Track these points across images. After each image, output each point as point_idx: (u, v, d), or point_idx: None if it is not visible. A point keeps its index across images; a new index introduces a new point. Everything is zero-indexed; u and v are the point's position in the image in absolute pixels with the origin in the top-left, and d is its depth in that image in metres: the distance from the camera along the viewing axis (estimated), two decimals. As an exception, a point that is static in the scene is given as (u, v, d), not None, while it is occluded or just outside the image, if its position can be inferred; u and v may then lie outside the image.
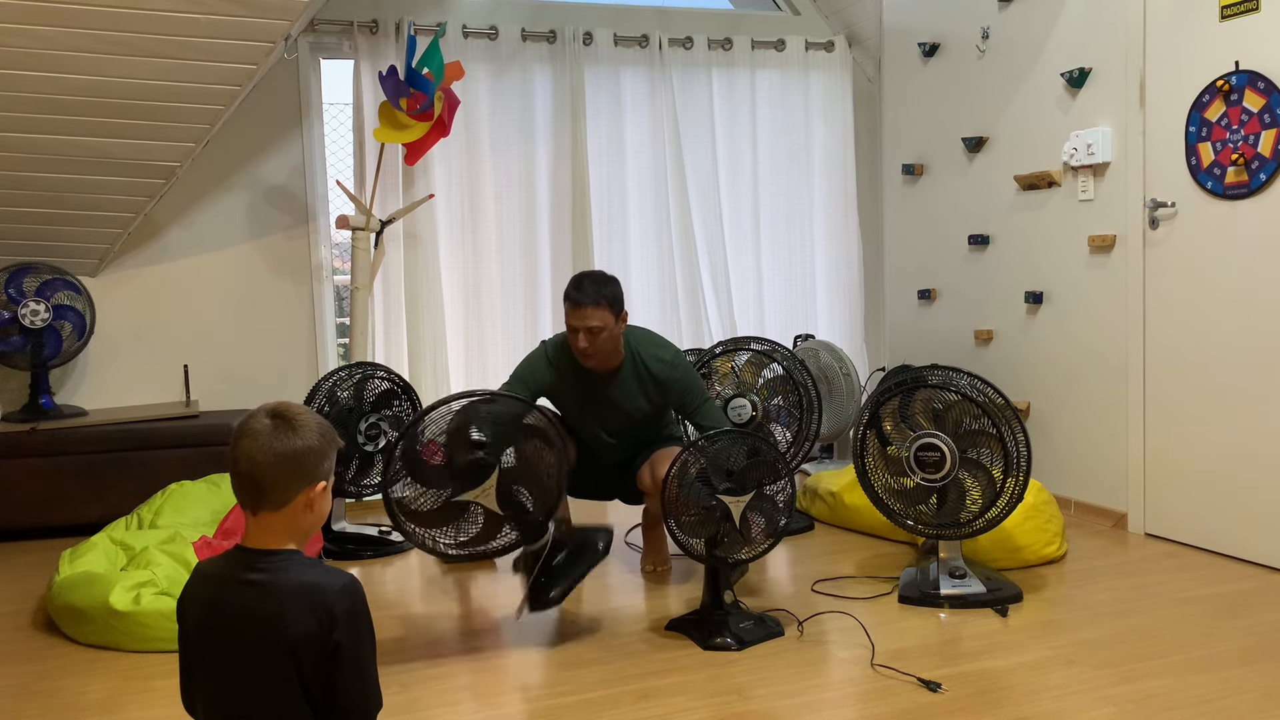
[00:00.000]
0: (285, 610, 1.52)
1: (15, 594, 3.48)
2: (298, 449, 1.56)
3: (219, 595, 1.57)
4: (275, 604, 1.52)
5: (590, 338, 3.16)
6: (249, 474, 1.56)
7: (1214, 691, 2.44)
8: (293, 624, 1.51)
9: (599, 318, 3.14)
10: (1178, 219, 3.65)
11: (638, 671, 2.66)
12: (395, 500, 2.76)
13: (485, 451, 2.76)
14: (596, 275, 3.21)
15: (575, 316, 3.15)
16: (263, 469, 1.55)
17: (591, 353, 3.19)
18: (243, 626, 1.54)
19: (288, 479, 1.56)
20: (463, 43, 4.72)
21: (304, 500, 1.58)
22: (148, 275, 4.64)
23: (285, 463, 1.55)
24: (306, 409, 1.62)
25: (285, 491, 1.56)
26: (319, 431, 1.60)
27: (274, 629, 1.51)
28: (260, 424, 1.57)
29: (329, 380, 3.85)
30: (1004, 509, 3.03)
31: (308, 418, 1.60)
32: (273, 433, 1.56)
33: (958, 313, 4.81)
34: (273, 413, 1.58)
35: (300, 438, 1.57)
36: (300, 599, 1.52)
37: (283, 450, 1.55)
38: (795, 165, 5.26)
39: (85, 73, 3.60)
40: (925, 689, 2.49)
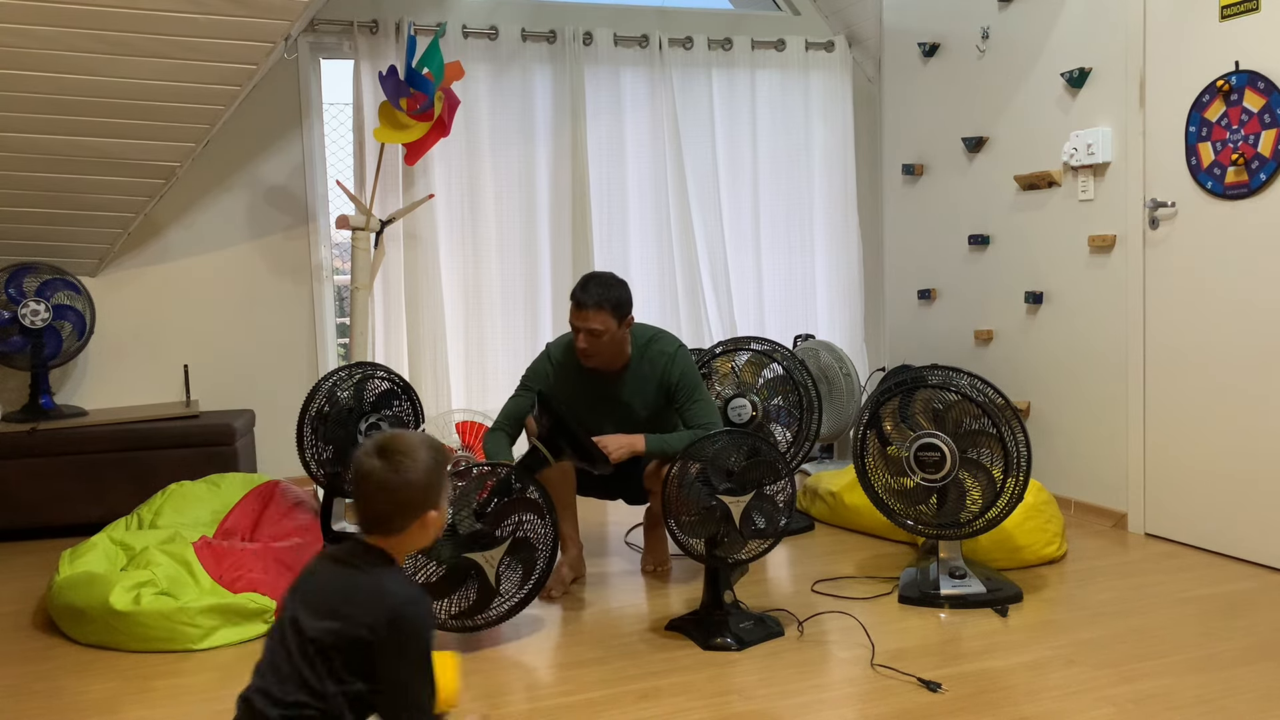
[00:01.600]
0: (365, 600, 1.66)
1: (15, 594, 3.48)
2: (407, 483, 1.72)
3: (320, 572, 1.76)
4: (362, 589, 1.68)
5: (590, 339, 3.15)
6: (370, 509, 1.74)
7: (1214, 691, 2.44)
8: (355, 614, 1.64)
9: (600, 320, 3.13)
10: (1178, 219, 3.65)
11: (638, 671, 2.66)
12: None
13: (483, 522, 2.79)
14: (604, 278, 3.19)
15: (577, 318, 3.16)
16: (378, 506, 1.73)
17: (591, 354, 3.19)
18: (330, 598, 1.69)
19: (401, 514, 1.73)
20: (463, 43, 4.72)
21: (417, 527, 1.75)
22: (148, 275, 4.64)
23: (395, 500, 1.72)
24: (414, 438, 1.75)
25: (396, 522, 1.74)
26: (427, 463, 1.74)
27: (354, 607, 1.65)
28: (371, 465, 1.72)
29: (329, 380, 3.85)
30: (1004, 509, 3.03)
31: (416, 451, 1.73)
32: (383, 472, 1.72)
33: (958, 313, 4.81)
34: (380, 450, 1.72)
35: (408, 474, 1.72)
36: (370, 594, 1.67)
37: (393, 488, 1.71)
38: (795, 165, 5.26)
39: (85, 73, 3.60)
40: (925, 689, 2.49)
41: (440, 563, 2.75)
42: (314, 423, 3.77)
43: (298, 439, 3.76)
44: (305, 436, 3.77)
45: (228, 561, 3.10)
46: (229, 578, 3.04)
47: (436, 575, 2.77)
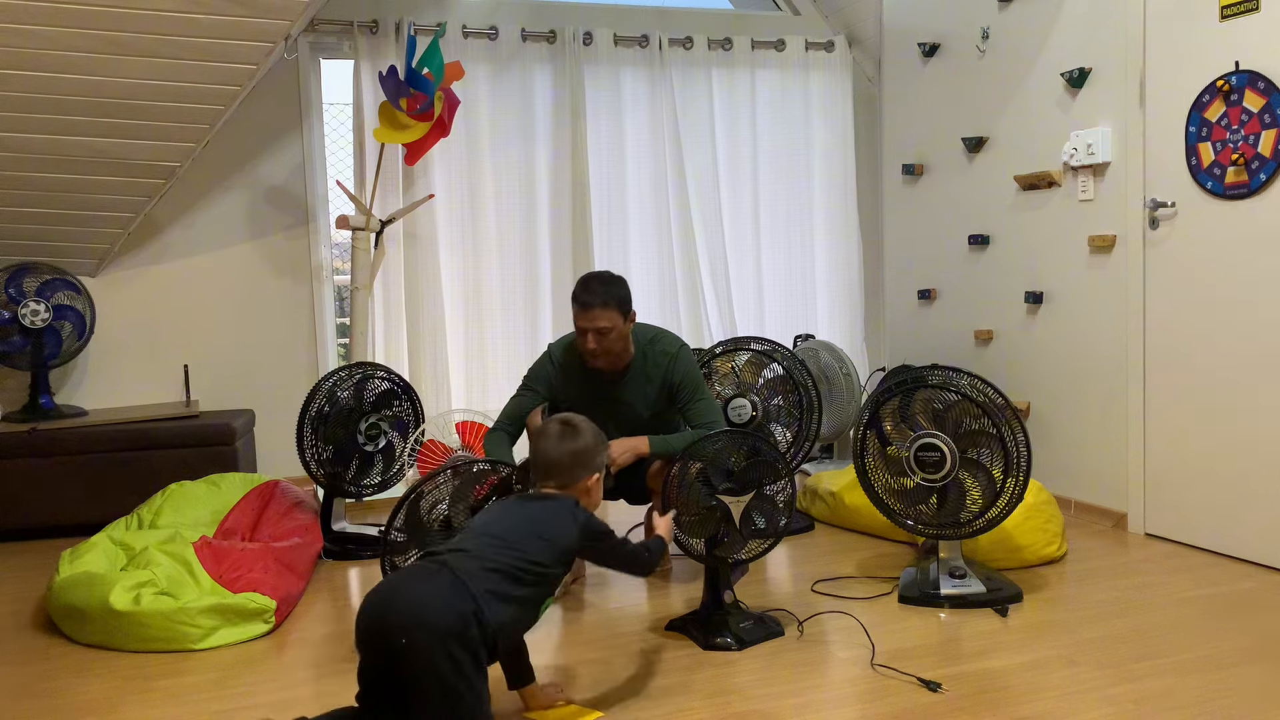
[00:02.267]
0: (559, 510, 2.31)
1: (15, 594, 3.48)
2: (577, 448, 2.35)
3: (514, 500, 2.40)
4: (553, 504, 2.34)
5: (599, 339, 3.15)
6: (547, 460, 2.35)
7: (1214, 691, 2.44)
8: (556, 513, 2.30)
9: (607, 318, 3.13)
10: (1178, 219, 3.65)
11: (638, 671, 2.66)
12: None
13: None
14: (604, 276, 3.19)
15: (584, 318, 3.14)
16: (555, 458, 2.34)
17: (600, 353, 3.18)
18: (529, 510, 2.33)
19: (573, 467, 2.35)
20: (463, 43, 4.72)
21: (584, 485, 2.37)
22: (148, 275, 4.65)
23: (571, 455, 2.34)
24: (583, 419, 2.43)
25: (570, 477, 2.35)
26: (591, 436, 2.39)
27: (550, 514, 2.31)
28: (553, 428, 2.37)
29: (329, 380, 3.85)
30: (1004, 509, 3.03)
31: (584, 426, 2.40)
32: (560, 434, 2.36)
33: (958, 313, 4.82)
34: (562, 420, 2.40)
35: (579, 440, 2.36)
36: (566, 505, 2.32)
37: (567, 446, 2.35)
38: (795, 165, 5.26)
39: (85, 73, 3.60)
40: (925, 689, 2.49)
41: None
42: (314, 423, 3.77)
43: (298, 439, 3.76)
44: (305, 436, 3.77)
45: (228, 561, 3.10)
46: (229, 578, 3.04)
47: None
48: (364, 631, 2.01)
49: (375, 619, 1.98)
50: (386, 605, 1.98)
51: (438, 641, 1.93)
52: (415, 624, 1.93)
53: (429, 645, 1.93)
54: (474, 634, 1.97)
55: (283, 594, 3.10)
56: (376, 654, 2.01)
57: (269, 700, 2.55)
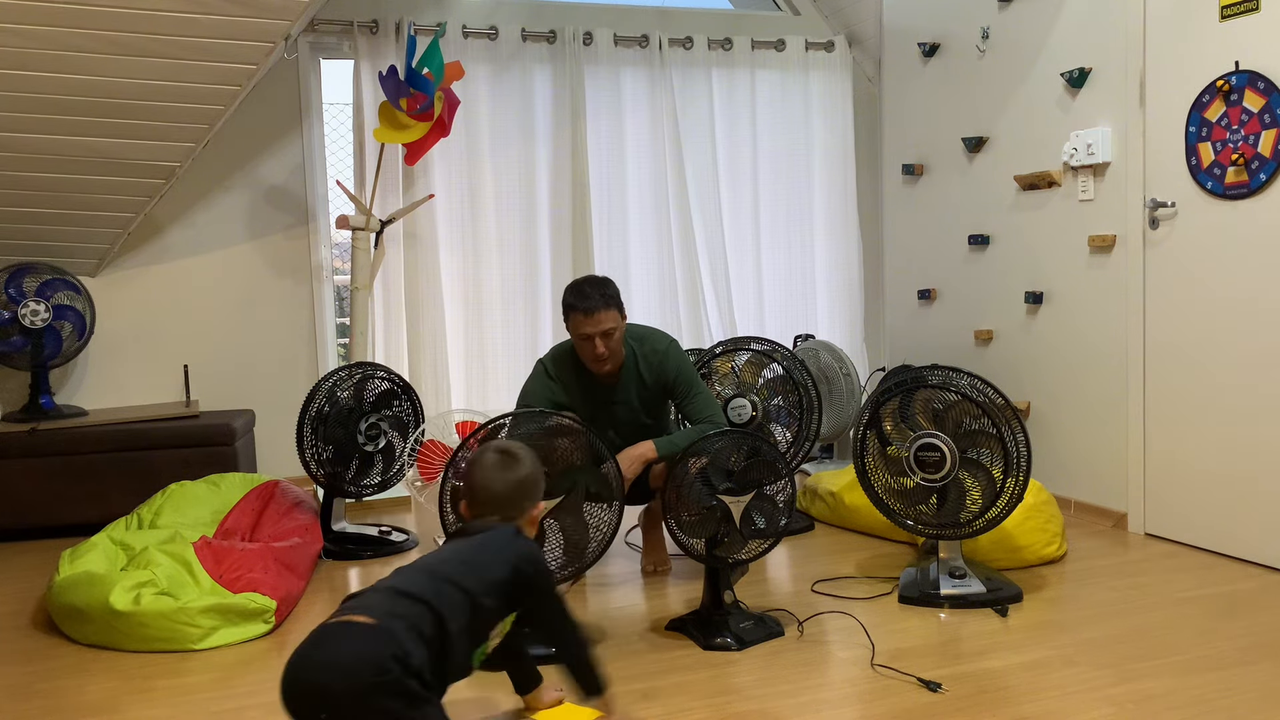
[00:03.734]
0: (495, 539, 2.13)
1: (15, 594, 3.48)
2: (519, 478, 2.18)
3: (460, 530, 2.24)
4: (491, 534, 2.14)
5: (606, 341, 3.13)
6: (488, 493, 2.17)
7: (1214, 691, 2.44)
8: (499, 546, 2.10)
9: (610, 319, 3.12)
10: (1178, 219, 3.65)
11: (638, 671, 2.66)
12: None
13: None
14: (593, 280, 3.18)
15: (589, 323, 3.11)
16: (495, 491, 2.17)
17: (607, 357, 3.16)
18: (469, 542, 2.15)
19: (514, 500, 2.18)
20: (463, 43, 4.72)
21: (530, 518, 2.23)
22: (148, 275, 4.65)
23: (511, 488, 2.17)
24: (521, 445, 2.25)
25: (512, 510, 2.18)
26: (530, 465, 2.21)
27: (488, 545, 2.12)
28: (489, 458, 2.18)
29: (329, 380, 3.85)
30: (1004, 509, 3.03)
31: (523, 455, 2.21)
32: (499, 465, 2.18)
33: (958, 313, 4.82)
34: (499, 450, 2.20)
35: (523, 468, 2.19)
36: (508, 538, 2.13)
37: (507, 479, 2.17)
38: (795, 165, 5.26)
39: (85, 73, 3.60)
40: (925, 689, 2.49)
41: None
42: (314, 423, 3.77)
43: (298, 439, 3.76)
44: (305, 436, 3.77)
45: (228, 561, 3.10)
46: (229, 578, 3.04)
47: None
48: (286, 703, 1.82)
49: (292, 694, 1.81)
50: (298, 678, 1.81)
51: (359, 702, 1.77)
52: (330, 693, 1.78)
53: (352, 710, 1.77)
54: (396, 677, 1.79)
55: (283, 594, 3.10)
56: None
57: (269, 700, 2.55)
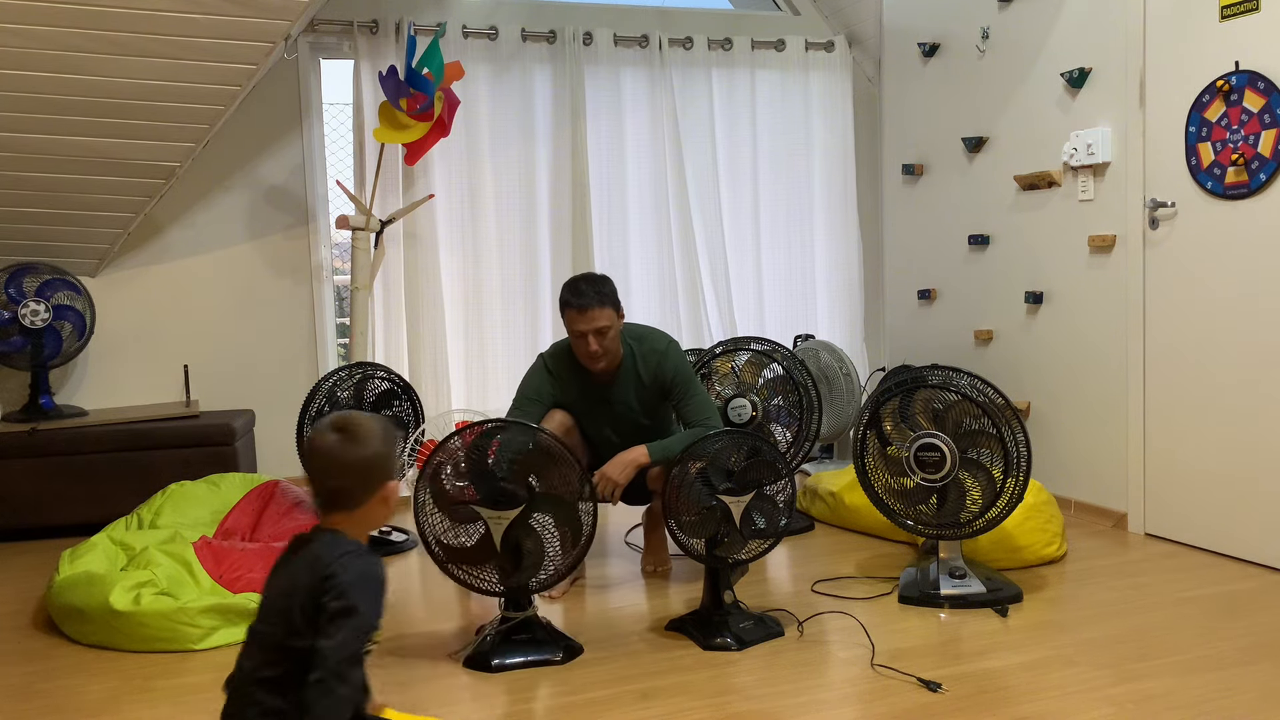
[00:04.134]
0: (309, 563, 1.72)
1: (15, 594, 3.48)
2: (365, 457, 1.76)
3: (287, 552, 1.80)
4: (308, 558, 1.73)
5: (599, 339, 3.14)
6: (325, 485, 1.78)
7: (1214, 691, 2.44)
8: (308, 571, 1.70)
9: (605, 317, 3.13)
10: (1178, 219, 3.65)
11: (638, 671, 2.66)
12: (437, 540, 2.75)
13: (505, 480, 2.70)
14: (590, 277, 3.19)
15: (583, 320, 3.12)
16: (336, 480, 1.76)
17: (601, 354, 3.17)
18: (288, 575, 1.75)
19: (363, 485, 1.77)
20: (463, 43, 4.72)
21: (378, 500, 1.80)
22: (148, 275, 4.65)
23: (356, 472, 1.76)
24: (364, 415, 1.82)
25: (359, 494, 1.78)
26: (381, 437, 1.79)
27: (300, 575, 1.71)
28: (327, 440, 1.77)
29: (329, 380, 3.85)
30: (1004, 509, 3.03)
31: (369, 425, 1.80)
32: (340, 447, 1.76)
33: (958, 313, 4.81)
34: (336, 427, 1.78)
35: (365, 447, 1.77)
36: (321, 555, 1.72)
37: (352, 461, 1.76)
38: (795, 165, 5.26)
39: (85, 73, 3.60)
40: (925, 689, 2.49)
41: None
42: (314, 423, 3.77)
43: (297, 439, 3.76)
44: (305, 436, 3.77)
45: (228, 561, 3.10)
46: (229, 578, 3.04)
47: (471, 540, 2.74)
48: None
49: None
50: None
51: None
52: None
53: None
54: None
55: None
56: None
57: (269, 700, 2.55)
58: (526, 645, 2.75)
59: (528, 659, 2.72)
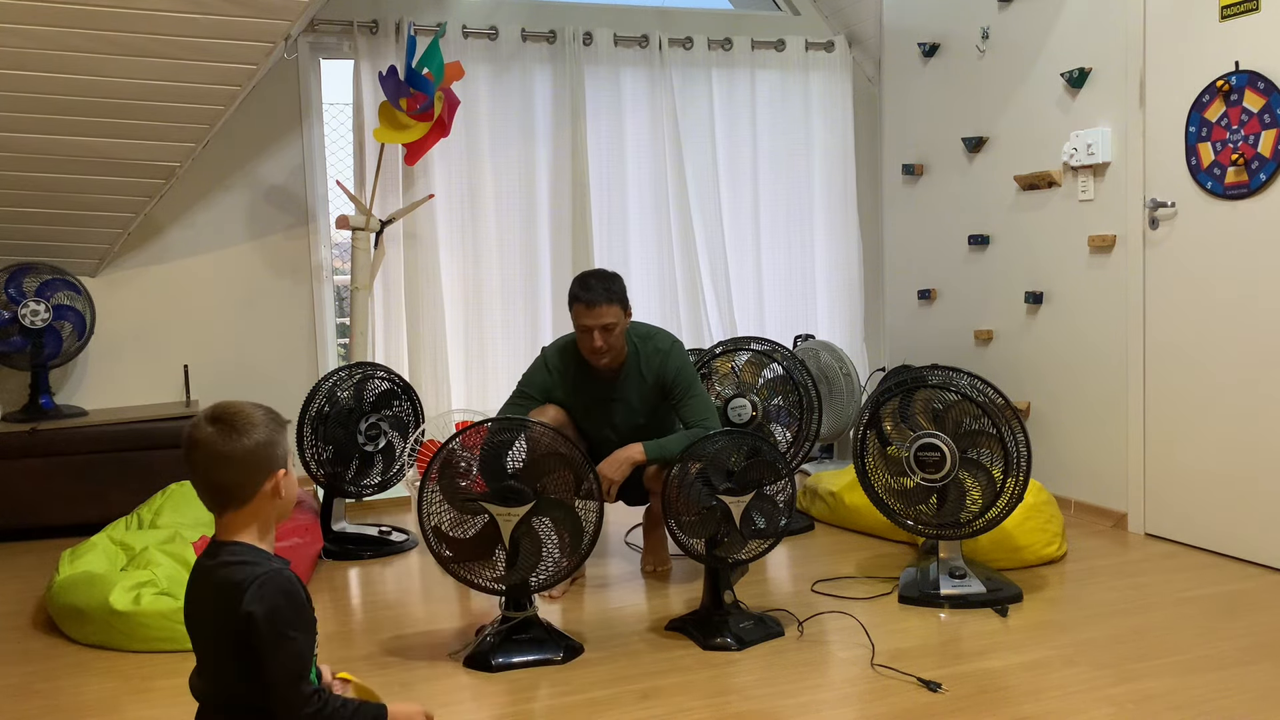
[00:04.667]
0: (218, 597, 1.61)
1: (15, 594, 3.48)
2: (248, 447, 1.61)
3: (192, 581, 1.70)
4: (215, 591, 1.62)
5: (605, 335, 3.15)
6: (208, 482, 1.63)
7: (1214, 691, 2.44)
8: (222, 609, 1.60)
9: (611, 314, 3.14)
10: (1178, 219, 3.65)
11: (638, 671, 2.66)
12: (434, 529, 2.75)
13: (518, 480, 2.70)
14: (601, 273, 3.21)
15: (589, 316, 3.14)
16: (220, 474, 1.62)
17: (605, 351, 3.18)
18: (199, 609, 1.66)
19: (250, 478, 1.63)
20: (463, 43, 4.72)
21: (270, 491, 1.65)
22: (148, 275, 4.64)
23: (239, 465, 1.61)
24: (242, 402, 1.67)
25: (247, 489, 1.63)
26: (264, 423, 1.64)
27: (213, 612, 1.62)
28: (204, 433, 1.61)
29: (329, 380, 3.85)
30: (1004, 509, 3.03)
31: (249, 412, 1.64)
32: (219, 437, 1.61)
33: (958, 313, 4.81)
34: (213, 418, 1.63)
35: (247, 436, 1.62)
36: (228, 589, 1.60)
37: (234, 452, 1.60)
38: (795, 165, 5.26)
39: (85, 73, 3.60)
40: (925, 689, 2.49)
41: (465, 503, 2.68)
42: (314, 423, 3.77)
43: (298, 439, 3.76)
44: (305, 436, 3.77)
45: (228, 561, 3.10)
46: (229, 578, 3.03)
47: (469, 532, 2.74)
48: None
49: None
50: None
51: None
52: None
53: None
54: None
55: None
56: None
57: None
58: (527, 645, 2.75)
59: (528, 659, 2.72)
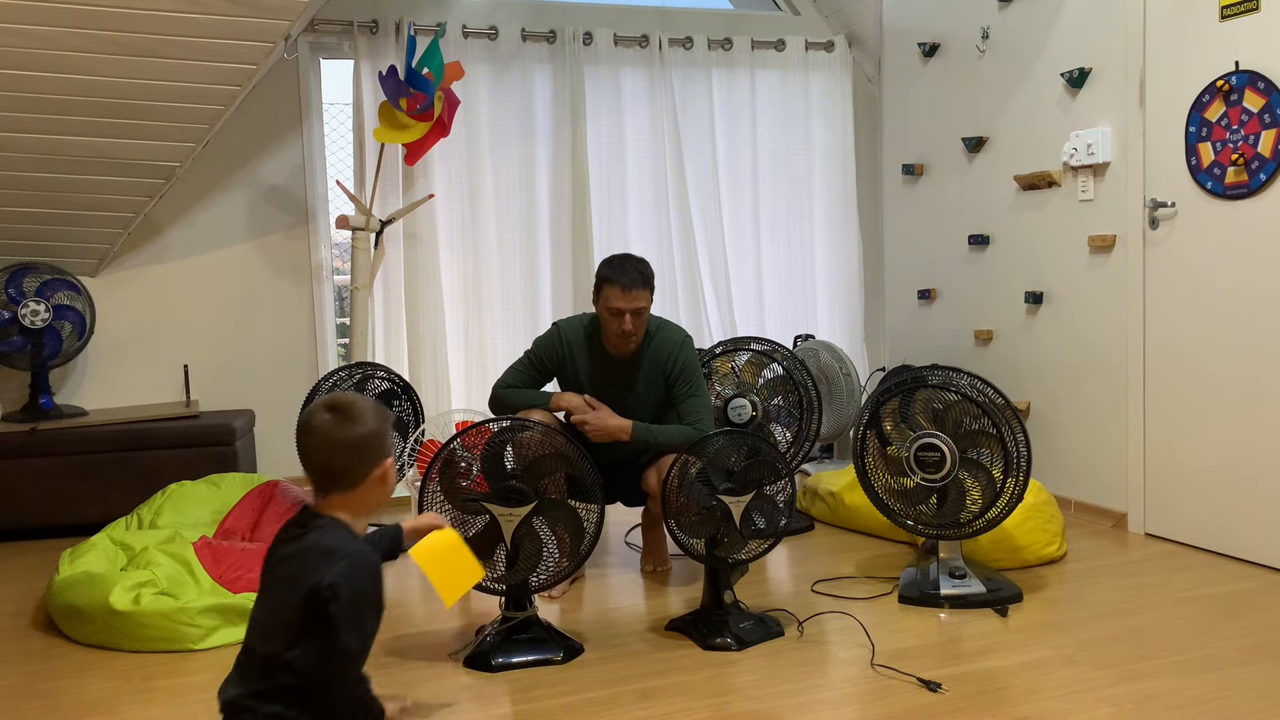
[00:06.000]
0: (305, 561, 1.72)
1: (15, 594, 3.48)
2: (362, 435, 1.77)
3: (280, 541, 1.80)
4: (303, 554, 1.73)
5: (635, 320, 3.16)
6: (323, 466, 1.78)
7: (1214, 691, 2.44)
8: (306, 574, 1.70)
9: (644, 299, 3.16)
10: (1178, 219, 3.65)
11: (638, 671, 2.66)
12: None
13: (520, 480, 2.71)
14: (635, 257, 3.22)
15: (624, 299, 3.13)
16: (335, 459, 1.77)
17: (634, 334, 3.19)
18: (282, 569, 1.77)
19: (360, 464, 1.78)
20: (463, 43, 4.72)
21: (378, 477, 1.81)
22: (148, 275, 4.65)
23: (353, 451, 1.77)
24: (354, 395, 1.83)
25: (358, 474, 1.78)
26: (374, 414, 1.81)
27: (296, 574, 1.72)
28: (322, 419, 1.77)
29: (329, 380, 3.85)
30: (1004, 509, 3.03)
31: (361, 403, 1.81)
32: (336, 425, 1.77)
33: (958, 313, 4.82)
34: (330, 407, 1.78)
35: (361, 424, 1.78)
36: (318, 556, 1.72)
37: (348, 439, 1.76)
38: (795, 165, 5.26)
39: (85, 73, 3.60)
40: (925, 689, 2.49)
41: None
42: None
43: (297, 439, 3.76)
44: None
45: (228, 561, 3.10)
46: (229, 578, 3.04)
47: (470, 532, 2.74)
48: None
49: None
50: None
51: None
52: None
53: None
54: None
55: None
56: None
57: (269, 700, 2.55)
58: (527, 645, 2.75)
59: (528, 659, 2.72)
